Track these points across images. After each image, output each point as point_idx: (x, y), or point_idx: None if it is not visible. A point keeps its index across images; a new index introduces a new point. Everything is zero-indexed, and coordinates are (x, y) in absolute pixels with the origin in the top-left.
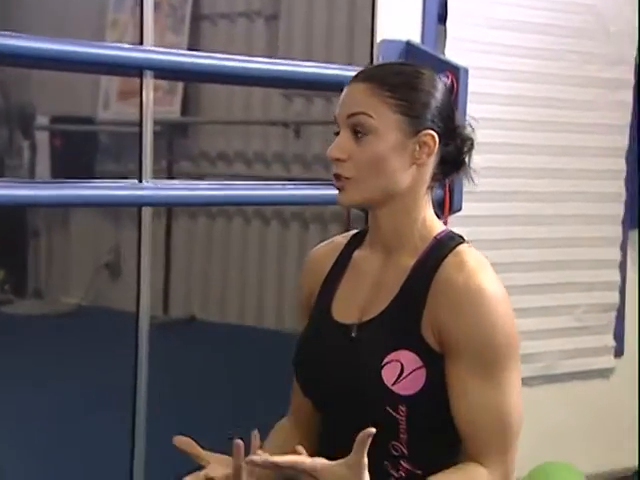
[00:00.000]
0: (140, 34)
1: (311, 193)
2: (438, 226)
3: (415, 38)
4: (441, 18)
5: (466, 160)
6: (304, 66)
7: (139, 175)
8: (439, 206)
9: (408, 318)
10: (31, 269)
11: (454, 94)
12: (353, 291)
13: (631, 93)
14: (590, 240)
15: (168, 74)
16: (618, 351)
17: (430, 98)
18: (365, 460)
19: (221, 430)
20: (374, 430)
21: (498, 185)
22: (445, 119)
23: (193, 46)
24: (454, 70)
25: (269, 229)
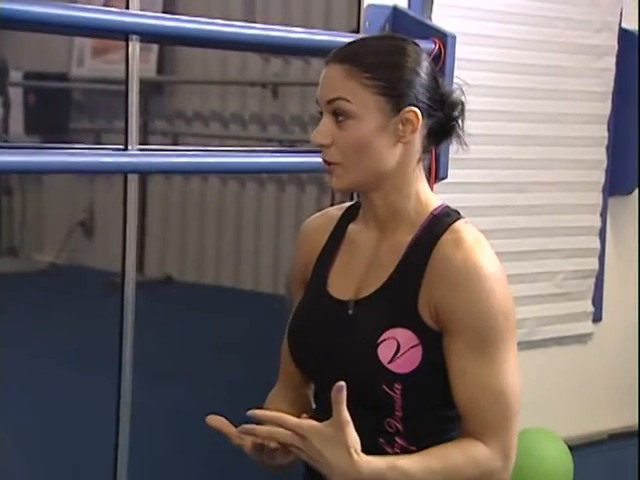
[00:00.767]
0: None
1: (309, 160)
2: (434, 201)
3: (402, 3)
4: None
5: (457, 125)
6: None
7: (125, 142)
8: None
9: (405, 296)
10: (4, 227)
11: (441, 61)
12: (349, 266)
13: (614, 60)
14: (570, 207)
15: (155, 39)
16: (596, 317)
17: (412, 74)
18: (347, 416)
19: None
20: (343, 383)
21: (480, 152)
22: (429, 91)
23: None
24: (441, 36)
25: (246, 188)
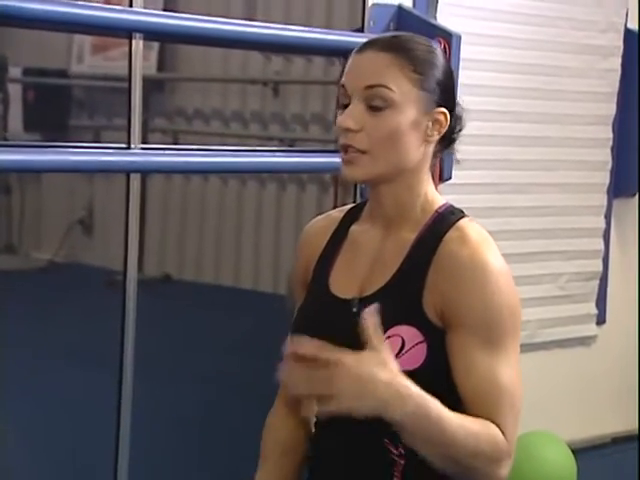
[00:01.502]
0: None
1: (313, 160)
2: (439, 200)
3: (407, 2)
4: None
5: (456, 138)
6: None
7: (128, 141)
8: None
9: (409, 293)
10: (2, 224)
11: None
12: (351, 265)
13: (619, 61)
14: (574, 209)
15: (160, 37)
16: (600, 319)
17: (442, 75)
18: (381, 338)
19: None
20: (374, 307)
21: (485, 153)
22: (452, 97)
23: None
24: (447, 36)
25: (247, 186)
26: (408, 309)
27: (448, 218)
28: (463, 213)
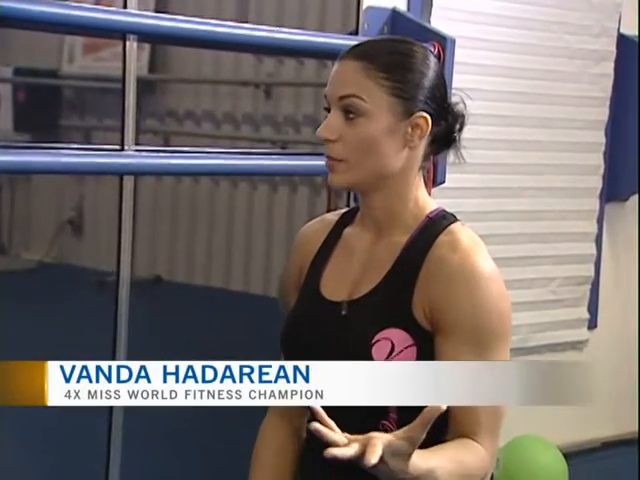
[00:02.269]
0: None
1: (305, 163)
2: (430, 204)
3: (401, 6)
4: None
5: (457, 137)
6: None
7: (121, 142)
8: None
9: (399, 296)
10: None
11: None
12: (343, 268)
13: (612, 66)
14: (567, 213)
15: (155, 39)
16: (592, 323)
17: (423, 78)
18: (419, 436)
19: None
20: (444, 407)
21: (476, 157)
22: (437, 99)
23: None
24: (441, 40)
25: (238, 188)
26: (398, 312)
27: (439, 223)
28: (455, 218)
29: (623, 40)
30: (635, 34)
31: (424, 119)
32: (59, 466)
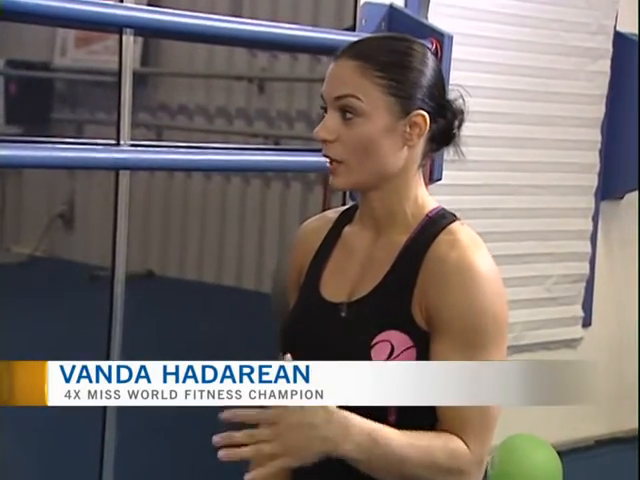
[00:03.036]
0: None
1: (299, 159)
2: (430, 203)
3: (399, 2)
4: None
5: (457, 133)
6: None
7: (117, 137)
8: None
9: (399, 297)
10: None
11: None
12: (342, 268)
13: (609, 63)
14: (562, 211)
15: (151, 33)
16: (586, 321)
17: (421, 76)
18: None
19: None
20: None
21: (472, 154)
22: (436, 96)
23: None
24: (438, 37)
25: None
26: (397, 314)
27: (439, 222)
28: (455, 217)
29: (620, 38)
30: (631, 32)
31: (422, 117)
32: (52, 465)
